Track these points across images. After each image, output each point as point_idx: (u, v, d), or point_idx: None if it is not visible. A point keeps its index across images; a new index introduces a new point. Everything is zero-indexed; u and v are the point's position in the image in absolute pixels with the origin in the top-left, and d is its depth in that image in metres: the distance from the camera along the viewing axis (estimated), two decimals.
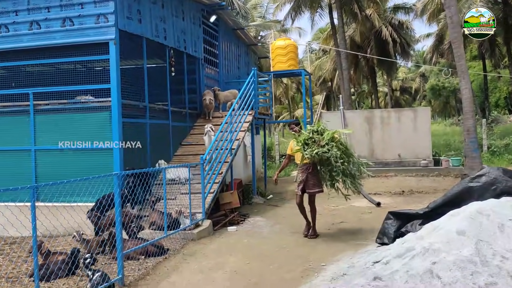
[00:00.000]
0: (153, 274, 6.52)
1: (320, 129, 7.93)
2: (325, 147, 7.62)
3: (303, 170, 8.12)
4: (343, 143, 8.01)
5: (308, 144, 7.78)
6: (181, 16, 12.24)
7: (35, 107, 9.72)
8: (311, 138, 7.82)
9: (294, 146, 8.16)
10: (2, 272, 6.71)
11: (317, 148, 7.64)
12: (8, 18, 9.62)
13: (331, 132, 7.85)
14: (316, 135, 7.84)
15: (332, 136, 7.80)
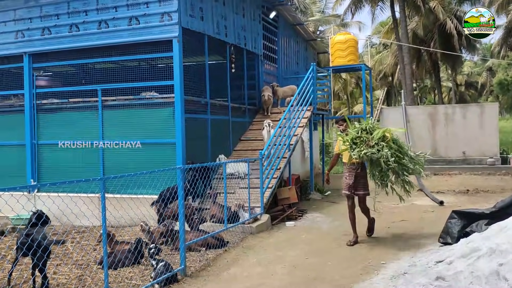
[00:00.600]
0: (214, 265, 6.69)
1: (369, 128, 7.26)
2: (375, 148, 6.97)
3: (351, 170, 7.53)
4: (396, 141, 7.28)
5: (356, 144, 7.17)
6: (242, 13, 12.39)
7: (103, 103, 10.18)
8: (359, 137, 7.18)
9: (341, 145, 7.50)
10: (74, 259, 7.13)
11: (366, 148, 7.01)
12: (79, 17, 10.12)
13: (381, 130, 7.17)
14: (365, 134, 7.17)
15: (383, 135, 7.12)
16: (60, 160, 10.52)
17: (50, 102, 10.83)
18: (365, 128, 7.26)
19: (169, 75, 9.60)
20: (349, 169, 7.54)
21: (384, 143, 7.01)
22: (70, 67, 12.41)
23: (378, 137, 7.04)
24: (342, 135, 7.53)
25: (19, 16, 10.59)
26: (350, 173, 7.53)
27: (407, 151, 7.37)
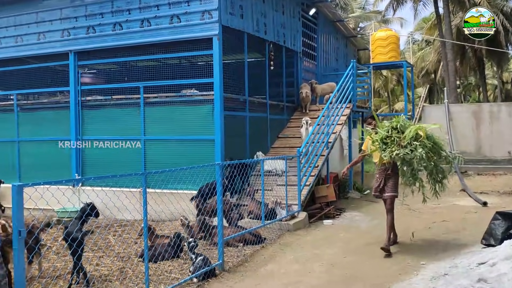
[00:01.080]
0: (251, 261, 6.75)
1: (400, 126, 6.68)
2: (408, 148, 6.45)
3: (381, 171, 7.12)
4: (431, 137, 6.73)
5: (386, 144, 6.65)
6: (281, 10, 12.38)
7: (145, 100, 10.40)
8: (390, 137, 6.65)
9: (370, 145, 7.02)
10: (116, 252, 7.34)
11: (397, 149, 6.50)
12: (122, 16, 10.37)
13: (413, 128, 6.58)
14: (396, 133, 6.64)
15: (416, 134, 6.55)
16: (103, 155, 10.83)
17: (94, 98, 11.16)
18: (396, 127, 6.73)
19: (209, 73, 9.71)
20: (380, 170, 7.18)
21: (417, 142, 6.49)
22: (113, 65, 12.74)
23: (411, 136, 6.52)
24: (371, 134, 7.07)
25: (65, 15, 10.95)
26: (381, 174, 7.16)
27: (442, 146, 6.89)
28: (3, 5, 11.54)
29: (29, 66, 12.11)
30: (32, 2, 11.24)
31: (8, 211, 8.63)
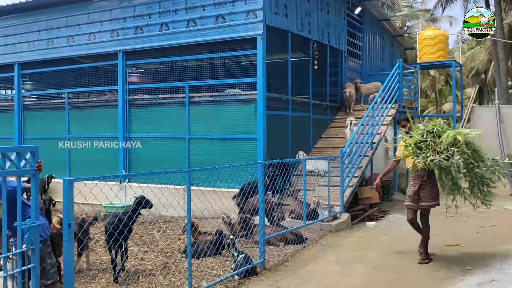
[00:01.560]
0: (292, 261, 6.75)
1: (437, 130, 6.15)
2: (444, 154, 5.91)
3: (416, 178, 6.55)
4: (470, 145, 6.14)
5: (421, 149, 6.15)
6: (326, 9, 12.30)
7: (189, 99, 10.58)
8: (425, 141, 6.14)
9: (403, 150, 6.53)
10: (160, 247, 7.51)
11: (433, 155, 5.98)
12: (169, 17, 10.58)
13: (451, 134, 6.00)
14: (431, 138, 6.11)
15: (454, 139, 5.97)
16: (149, 152, 11.10)
17: (141, 97, 11.45)
18: (432, 131, 6.19)
19: (252, 72, 9.77)
20: (414, 177, 6.61)
21: (455, 148, 5.91)
22: (160, 65, 13.03)
23: (448, 142, 5.93)
24: (405, 138, 6.62)
25: (114, 16, 11.28)
26: (415, 181, 6.57)
27: (484, 155, 6.26)
28: (56, 6, 12.00)
29: (80, 65, 12.56)
30: (84, 4, 11.64)
31: (58, 205, 8.96)
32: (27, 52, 12.67)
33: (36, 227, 3.61)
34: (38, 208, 3.72)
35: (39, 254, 4.16)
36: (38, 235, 3.67)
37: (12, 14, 12.81)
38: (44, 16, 12.25)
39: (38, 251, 3.65)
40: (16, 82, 13.00)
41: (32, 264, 3.57)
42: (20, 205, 3.57)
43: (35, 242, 3.59)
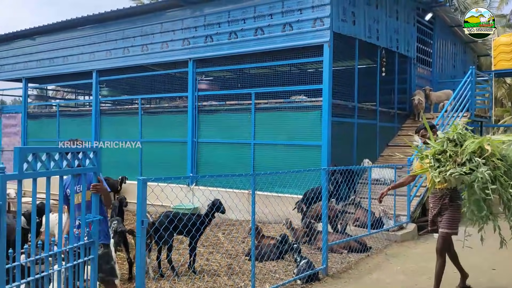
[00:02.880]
0: (355, 269, 6.70)
1: (458, 137, 4.95)
2: (467, 166, 4.68)
3: (436, 198, 5.44)
4: (507, 158, 4.89)
5: (440, 161, 4.91)
6: (395, 16, 12.10)
7: (255, 106, 10.79)
8: (444, 152, 4.91)
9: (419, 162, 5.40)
10: (224, 249, 7.71)
11: (453, 167, 4.76)
12: (237, 25, 10.86)
13: (476, 141, 4.79)
14: (452, 147, 4.89)
15: (479, 147, 4.76)
16: (215, 157, 11.41)
17: (209, 104, 11.81)
18: (453, 139, 4.97)
19: (318, 79, 9.81)
20: (434, 198, 5.48)
21: (480, 159, 4.69)
22: (227, 72, 13.37)
23: (470, 151, 4.72)
24: (421, 149, 5.38)
25: (186, 25, 11.73)
26: (435, 203, 5.47)
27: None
28: (132, 16, 12.67)
29: (152, 73, 13.15)
30: (158, 14, 12.20)
31: (130, 206, 9.45)
32: (104, 60, 13.45)
33: (97, 221, 3.87)
34: (98, 205, 3.98)
35: (109, 254, 4.47)
36: (98, 229, 3.91)
37: (91, 24, 13.66)
38: (121, 26, 12.95)
39: (97, 244, 3.91)
40: (94, 88, 13.82)
41: (92, 256, 3.83)
42: (84, 201, 3.82)
43: (95, 235, 3.86)
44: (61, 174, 3.54)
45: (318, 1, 9.61)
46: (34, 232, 3.53)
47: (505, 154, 4.90)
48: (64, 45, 14.38)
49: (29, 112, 16.04)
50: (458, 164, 4.76)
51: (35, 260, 3.19)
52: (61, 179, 3.55)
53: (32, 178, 3.23)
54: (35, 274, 3.17)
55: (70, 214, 3.90)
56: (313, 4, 9.69)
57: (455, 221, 5.37)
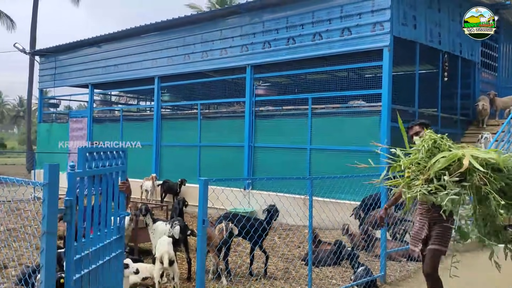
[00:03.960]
0: (415, 278, 6.54)
1: (428, 146, 4.06)
2: (434, 183, 3.79)
3: (424, 212, 4.71)
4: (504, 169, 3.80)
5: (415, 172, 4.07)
6: (458, 19, 11.72)
7: (312, 111, 10.78)
8: (418, 164, 4.05)
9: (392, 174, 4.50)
10: (280, 253, 7.75)
11: (421, 183, 3.91)
12: (295, 31, 10.92)
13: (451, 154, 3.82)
14: (427, 158, 3.99)
15: (452, 163, 3.78)
16: (271, 162, 11.49)
17: (266, 109, 11.93)
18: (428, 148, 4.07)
19: (377, 84, 9.68)
20: (421, 209, 4.78)
21: (448, 177, 3.71)
22: (284, 78, 13.46)
23: (440, 167, 3.79)
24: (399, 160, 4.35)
25: (245, 32, 11.93)
26: (423, 217, 4.74)
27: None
28: (193, 24, 13.04)
29: (212, 79, 13.45)
30: (217, 21, 12.49)
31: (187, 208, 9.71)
32: (166, 66, 13.90)
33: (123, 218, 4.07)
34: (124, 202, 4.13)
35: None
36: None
37: (153, 32, 14.17)
38: (182, 33, 13.36)
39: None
40: (156, 94, 14.31)
41: (120, 250, 4.01)
42: (117, 196, 3.97)
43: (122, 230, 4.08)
44: (110, 171, 3.81)
45: (378, 5, 9.51)
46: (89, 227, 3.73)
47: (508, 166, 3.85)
48: (128, 52, 15.00)
49: (94, 116, 16.81)
50: (426, 181, 3.90)
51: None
52: (110, 176, 3.83)
53: (95, 175, 3.56)
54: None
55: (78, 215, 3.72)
56: (373, 8, 9.59)
57: (447, 237, 4.63)
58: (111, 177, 3.89)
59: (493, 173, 3.73)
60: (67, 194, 3.19)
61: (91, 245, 3.50)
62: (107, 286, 3.78)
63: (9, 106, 77.63)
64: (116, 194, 3.96)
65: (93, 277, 3.51)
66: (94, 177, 3.61)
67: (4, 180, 3.61)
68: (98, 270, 3.60)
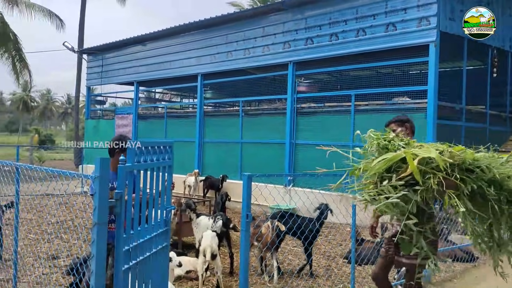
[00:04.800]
0: (461, 278, 6.39)
1: (372, 146, 3.75)
2: (377, 188, 3.39)
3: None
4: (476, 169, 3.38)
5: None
6: (508, 13, 11.31)
7: (355, 108, 10.66)
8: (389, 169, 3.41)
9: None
10: (322, 251, 7.73)
11: (368, 188, 3.51)
12: (339, 27, 10.81)
13: (394, 156, 3.38)
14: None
15: (395, 160, 3.35)
16: (312, 159, 11.42)
17: (308, 106, 11.88)
18: (377, 148, 3.68)
19: (422, 80, 9.48)
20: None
21: (386, 182, 3.31)
22: (326, 74, 13.35)
23: (378, 169, 3.40)
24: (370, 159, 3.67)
25: (287, 29, 11.92)
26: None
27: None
28: (235, 21, 13.14)
29: (254, 76, 13.50)
30: (259, 18, 12.53)
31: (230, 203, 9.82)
32: (208, 64, 14.06)
33: (169, 211, 4.15)
34: (170, 196, 4.20)
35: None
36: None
37: (196, 30, 14.36)
38: (224, 31, 13.48)
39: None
40: (199, 91, 14.51)
41: (166, 243, 4.11)
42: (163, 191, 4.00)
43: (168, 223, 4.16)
44: (157, 166, 3.89)
45: (424, 0, 9.29)
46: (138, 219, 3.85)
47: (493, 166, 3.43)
48: (172, 50, 15.27)
49: (139, 113, 17.22)
50: (373, 185, 3.49)
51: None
52: (157, 171, 3.91)
53: (143, 169, 3.64)
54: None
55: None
56: (419, 3, 9.39)
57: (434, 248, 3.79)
58: (158, 172, 3.99)
59: (461, 175, 3.28)
60: (117, 187, 3.30)
61: (139, 237, 3.61)
62: (154, 277, 3.89)
63: (58, 103, 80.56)
64: (162, 188, 4.05)
65: (141, 268, 3.62)
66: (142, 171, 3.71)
67: (59, 173, 3.79)
68: (146, 262, 3.71)
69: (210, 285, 5.94)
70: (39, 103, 74.87)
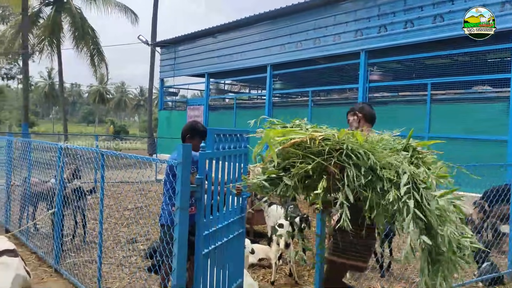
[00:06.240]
0: None
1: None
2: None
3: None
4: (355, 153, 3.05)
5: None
6: None
7: (431, 97, 10.25)
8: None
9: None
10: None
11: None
12: (414, 13, 10.40)
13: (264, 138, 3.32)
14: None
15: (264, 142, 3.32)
16: None
17: (381, 95, 11.57)
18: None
19: (505, 68, 8.94)
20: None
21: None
22: (399, 63, 12.92)
23: (256, 151, 3.42)
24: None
25: (359, 16, 11.65)
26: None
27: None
28: (305, 11, 13.02)
29: (324, 65, 13.32)
30: (330, 6, 12.32)
31: None
32: (278, 54, 14.07)
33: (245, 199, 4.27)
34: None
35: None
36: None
37: (266, 21, 14.39)
38: (294, 20, 13.41)
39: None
40: (268, 82, 14.56)
41: (241, 229, 4.24)
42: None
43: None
44: (234, 154, 3.99)
45: None
46: (217, 204, 3.93)
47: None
48: (242, 41, 15.43)
49: (210, 104, 17.59)
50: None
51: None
52: (234, 158, 4.01)
53: (222, 156, 3.72)
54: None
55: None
56: None
57: (368, 249, 3.62)
58: (235, 159, 4.07)
59: (341, 161, 3.04)
60: (198, 173, 3.40)
61: (217, 223, 3.70)
62: (231, 262, 3.98)
63: (131, 96, 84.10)
64: (239, 175, 4.12)
65: (219, 253, 3.71)
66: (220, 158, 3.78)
67: (142, 160, 3.96)
68: (223, 247, 3.80)
69: (283, 274, 5.99)
70: (114, 95, 78.61)
